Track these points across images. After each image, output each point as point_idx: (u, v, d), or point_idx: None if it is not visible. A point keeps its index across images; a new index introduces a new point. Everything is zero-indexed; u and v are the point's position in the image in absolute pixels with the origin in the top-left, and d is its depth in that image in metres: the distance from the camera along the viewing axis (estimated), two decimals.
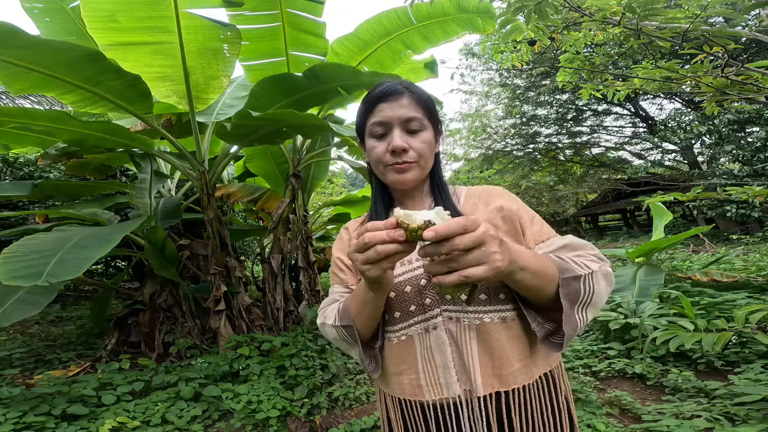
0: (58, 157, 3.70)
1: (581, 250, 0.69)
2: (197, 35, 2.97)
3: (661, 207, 4.82)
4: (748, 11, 1.80)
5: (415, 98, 0.73)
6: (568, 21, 2.28)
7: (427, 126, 0.74)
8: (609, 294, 0.66)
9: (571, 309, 0.61)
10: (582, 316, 0.62)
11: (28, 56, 2.38)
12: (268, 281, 3.96)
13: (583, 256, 0.67)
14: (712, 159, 11.43)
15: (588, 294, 0.62)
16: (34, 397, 2.30)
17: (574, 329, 0.61)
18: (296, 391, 2.66)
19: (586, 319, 0.63)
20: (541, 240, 0.73)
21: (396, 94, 0.72)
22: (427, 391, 0.68)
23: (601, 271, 0.65)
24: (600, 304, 0.64)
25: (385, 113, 0.72)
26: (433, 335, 0.68)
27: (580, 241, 0.71)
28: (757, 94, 1.96)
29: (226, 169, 5.41)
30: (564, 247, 0.70)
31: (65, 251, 2.22)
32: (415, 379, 0.70)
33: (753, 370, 2.33)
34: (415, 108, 0.72)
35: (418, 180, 0.75)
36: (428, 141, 0.73)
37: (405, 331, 0.71)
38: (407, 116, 0.71)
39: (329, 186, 12.43)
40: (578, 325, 0.62)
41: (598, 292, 0.63)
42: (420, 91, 0.74)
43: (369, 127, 0.75)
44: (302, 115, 2.86)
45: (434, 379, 0.68)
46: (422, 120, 0.73)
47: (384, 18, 3.66)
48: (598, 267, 0.64)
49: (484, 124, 15.43)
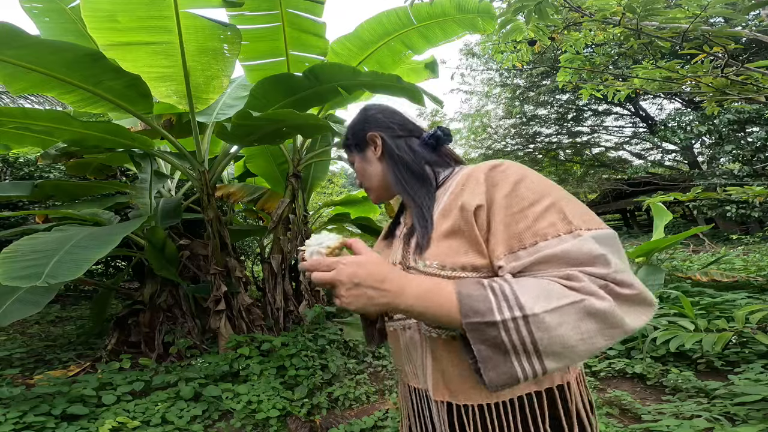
0: (58, 157, 3.69)
1: (585, 266, 0.50)
2: (197, 35, 2.97)
3: (661, 207, 4.82)
4: (748, 11, 1.80)
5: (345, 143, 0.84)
6: (568, 21, 2.29)
7: (353, 158, 0.82)
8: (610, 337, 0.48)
9: (500, 356, 0.49)
10: (526, 366, 0.49)
11: (28, 56, 2.38)
12: (268, 281, 3.96)
13: (574, 279, 0.50)
14: (712, 159, 11.43)
15: (523, 342, 0.48)
16: (34, 397, 2.30)
17: (510, 378, 0.49)
18: (296, 391, 2.66)
19: (539, 370, 0.49)
20: (522, 246, 0.55)
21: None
22: (410, 377, 0.73)
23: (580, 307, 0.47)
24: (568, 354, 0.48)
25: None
26: (408, 333, 0.71)
27: (588, 250, 0.51)
28: (757, 94, 1.96)
29: (226, 169, 5.41)
30: (554, 259, 0.52)
31: (65, 252, 2.22)
32: (401, 366, 0.75)
33: (753, 370, 2.33)
34: (346, 151, 0.84)
35: (377, 198, 0.82)
36: (357, 169, 0.82)
37: (390, 324, 0.76)
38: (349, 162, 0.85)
39: (329, 186, 12.43)
40: (518, 375, 0.49)
41: (552, 341, 0.47)
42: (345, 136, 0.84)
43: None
44: (302, 115, 2.86)
45: (412, 370, 0.72)
46: (349, 158, 0.84)
47: (384, 18, 3.66)
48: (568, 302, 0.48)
49: (484, 124, 15.43)
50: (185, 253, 3.89)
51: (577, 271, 0.50)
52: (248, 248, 7.78)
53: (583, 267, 0.51)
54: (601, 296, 0.48)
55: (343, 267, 0.55)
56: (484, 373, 0.50)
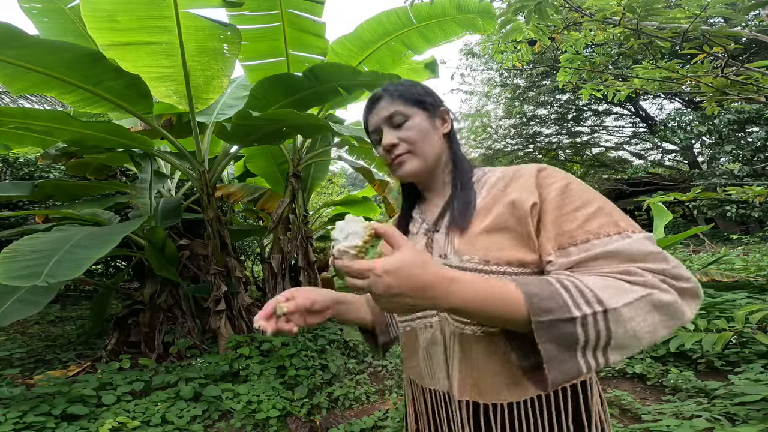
0: (58, 157, 3.70)
1: (640, 263, 0.52)
2: (197, 35, 2.97)
3: (661, 207, 4.81)
4: (748, 11, 1.80)
5: (392, 94, 0.74)
6: (568, 21, 2.29)
7: (413, 113, 0.73)
8: (670, 328, 0.50)
9: (565, 353, 0.48)
10: (591, 360, 0.49)
11: (28, 56, 2.38)
12: (268, 281, 3.96)
13: (634, 274, 0.51)
14: (712, 159, 11.43)
15: (597, 337, 0.48)
16: (34, 397, 2.30)
17: (571, 375, 0.48)
18: (296, 391, 2.66)
19: (599, 363, 0.49)
20: (573, 243, 0.56)
21: (375, 101, 0.76)
22: (425, 379, 0.72)
23: (649, 300, 0.49)
24: (637, 345, 0.49)
25: (372, 120, 0.77)
26: (429, 332, 0.70)
27: (642, 248, 0.53)
28: (757, 94, 1.96)
29: (226, 169, 5.41)
30: (609, 256, 0.54)
31: (65, 251, 2.22)
32: (416, 367, 0.74)
33: (753, 370, 2.33)
34: (393, 103, 0.74)
35: (420, 169, 0.73)
36: (416, 126, 0.72)
37: (408, 324, 0.75)
38: (387, 114, 0.73)
39: (329, 186, 12.43)
40: (581, 370, 0.48)
41: (626, 334, 0.48)
42: (398, 86, 0.75)
43: (371, 138, 0.79)
44: (302, 115, 2.86)
45: (430, 372, 0.71)
46: (403, 111, 0.73)
47: (384, 18, 3.66)
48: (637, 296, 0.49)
49: (484, 124, 15.43)
50: (185, 253, 3.89)
51: (635, 266, 0.52)
52: (248, 248, 7.78)
53: (640, 263, 0.52)
54: (665, 289, 0.50)
55: (377, 280, 0.49)
56: (549, 372, 0.48)
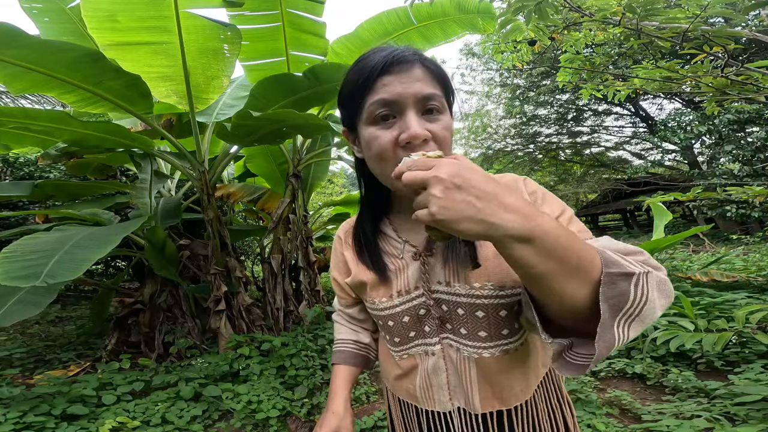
0: (58, 157, 3.69)
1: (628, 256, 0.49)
2: (197, 35, 2.97)
3: (661, 207, 4.81)
4: (748, 11, 1.81)
5: (429, 68, 0.57)
6: (568, 21, 2.29)
7: (446, 107, 0.58)
8: (664, 309, 0.46)
9: (611, 319, 0.42)
10: (622, 332, 0.43)
11: (28, 56, 2.38)
12: (268, 281, 3.96)
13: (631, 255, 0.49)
14: (712, 159, 11.44)
15: (639, 302, 0.43)
16: (34, 397, 2.30)
17: (608, 348, 0.42)
18: (296, 391, 2.66)
19: (626, 336, 0.43)
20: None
21: (406, 63, 0.55)
22: (421, 401, 0.70)
23: (655, 277, 0.45)
24: (650, 320, 0.45)
25: (393, 89, 0.54)
26: (431, 360, 0.67)
27: (623, 244, 0.50)
28: (757, 94, 1.96)
29: (226, 169, 5.41)
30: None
31: (64, 251, 2.22)
32: (412, 389, 0.70)
33: (753, 370, 2.33)
34: (432, 82, 0.56)
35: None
36: (450, 127, 0.58)
37: (407, 351, 0.70)
38: (424, 93, 0.54)
39: (329, 186, 12.44)
40: (615, 343, 0.42)
41: (651, 304, 0.44)
42: (432, 61, 0.58)
43: (368, 108, 0.56)
44: (302, 115, 2.86)
45: (428, 395, 0.68)
46: (441, 99, 0.56)
47: (384, 18, 3.66)
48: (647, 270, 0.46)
49: (484, 124, 15.45)
50: (185, 253, 3.89)
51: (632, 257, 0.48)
52: (248, 248, 7.78)
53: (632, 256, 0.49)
54: (663, 272, 0.47)
55: (446, 162, 0.41)
56: (598, 341, 0.42)
